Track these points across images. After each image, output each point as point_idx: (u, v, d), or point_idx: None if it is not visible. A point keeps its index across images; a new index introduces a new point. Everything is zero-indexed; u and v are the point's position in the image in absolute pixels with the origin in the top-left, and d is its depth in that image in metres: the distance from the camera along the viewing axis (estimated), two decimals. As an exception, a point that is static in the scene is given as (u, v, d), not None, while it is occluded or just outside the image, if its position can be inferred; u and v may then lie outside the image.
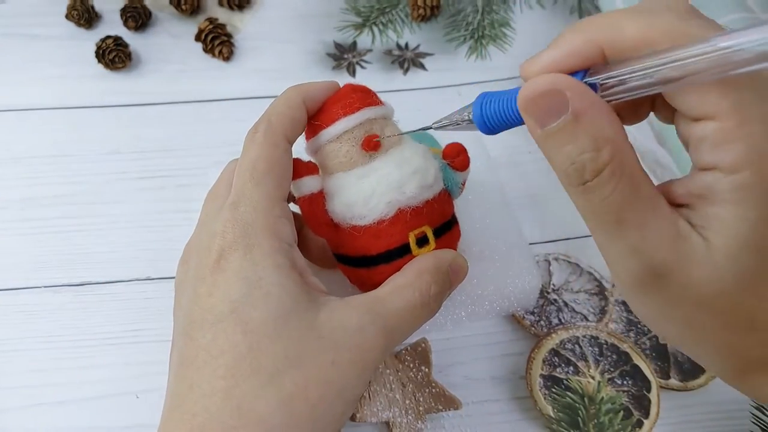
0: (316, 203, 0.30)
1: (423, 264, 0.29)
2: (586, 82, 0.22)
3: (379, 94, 0.32)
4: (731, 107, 0.19)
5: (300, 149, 0.33)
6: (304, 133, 0.31)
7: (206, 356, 0.25)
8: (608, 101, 0.22)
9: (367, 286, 0.30)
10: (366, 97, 0.31)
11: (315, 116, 0.31)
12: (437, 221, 0.30)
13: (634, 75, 0.21)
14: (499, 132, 0.26)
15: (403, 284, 0.28)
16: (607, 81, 0.21)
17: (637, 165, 0.22)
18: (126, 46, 0.52)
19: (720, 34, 0.18)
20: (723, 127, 0.20)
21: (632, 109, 0.26)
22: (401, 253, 0.30)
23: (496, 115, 0.25)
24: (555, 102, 0.21)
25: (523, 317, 0.40)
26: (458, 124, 0.27)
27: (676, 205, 0.22)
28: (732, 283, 0.21)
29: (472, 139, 0.43)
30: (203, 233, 0.28)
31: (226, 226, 0.27)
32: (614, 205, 0.21)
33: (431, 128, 0.29)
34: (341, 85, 0.32)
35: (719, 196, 0.21)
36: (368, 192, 0.29)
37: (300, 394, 0.24)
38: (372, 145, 0.30)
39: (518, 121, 0.24)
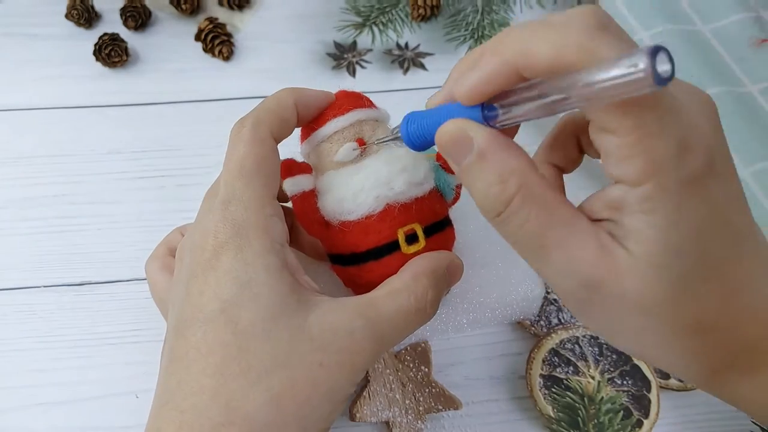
0: (308, 201, 0.31)
1: (420, 267, 0.29)
2: (487, 111, 0.23)
3: (379, 94, 0.32)
4: (632, 125, 0.20)
5: (294, 155, 0.33)
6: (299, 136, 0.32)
7: (196, 354, 0.25)
8: (513, 123, 0.23)
9: (358, 285, 0.31)
10: (357, 100, 0.32)
11: (309, 121, 0.31)
12: (428, 220, 0.30)
13: (532, 103, 0.21)
14: (424, 149, 0.27)
15: (398, 288, 0.28)
16: (508, 107, 0.23)
17: (550, 190, 0.23)
18: (123, 41, 0.52)
19: (618, 59, 0.18)
20: (624, 142, 0.20)
21: (562, 155, 0.28)
22: (390, 250, 0.30)
23: (417, 136, 0.27)
24: (462, 144, 0.23)
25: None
26: (392, 141, 0.29)
27: (598, 219, 0.23)
28: (662, 289, 0.22)
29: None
30: (197, 231, 0.28)
31: (217, 225, 0.27)
32: (532, 231, 0.22)
33: (374, 143, 0.30)
34: (339, 89, 0.32)
35: (630, 207, 0.21)
36: (357, 187, 0.29)
37: (287, 393, 0.24)
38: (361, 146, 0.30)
39: (434, 142, 0.26)
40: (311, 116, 0.31)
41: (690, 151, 0.20)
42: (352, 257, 0.30)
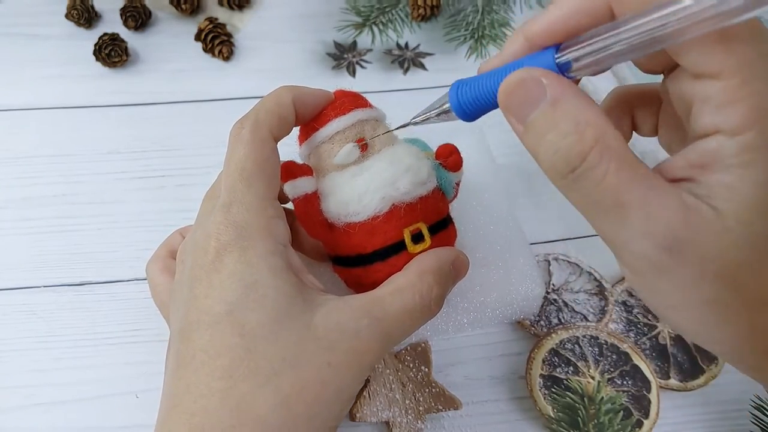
0: (310, 204, 0.31)
1: (425, 264, 0.29)
2: (559, 62, 0.21)
3: (379, 94, 0.32)
4: (736, 65, 0.19)
5: (294, 154, 0.33)
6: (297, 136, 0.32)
7: (204, 357, 0.25)
8: (587, 72, 0.21)
9: (364, 286, 0.30)
10: (356, 100, 0.31)
11: (308, 121, 0.31)
12: (432, 218, 0.30)
13: (621, 42, 0.20)
14: (477, 117, 0.26)
15: (403, 285, 0.28)
16: (581, 56, 0.21)
17: (627, 146, 0.21)
18: (123, 41, 0.52)
19: None
20: (727, 86, 0.19)
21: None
22: (397, 250, 0.30)
23: (472, 100, 0.25)
24: (532, 92, 0.21)
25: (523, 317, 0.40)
26: (437, 116, 0.27)
27: (673, 181, 0.22)
28: (749, 251, 0.20)
29: (476, 145, 0.43)
30: (198, 233, 0.28)
31: (219, 228, 0.27)
32: (610, 188, 0.20)
33: (411, 124, 0.29)
34: (339, 88, 0.32)
35: (724, 161, 0.20)
36: (362, 189, 0.29)
37: (297, 394, 0.24)
38: (362, 147, 0.30)
39: (493, 104, 0.24)
40: (310, 115, 0.31)
41: None
42: (358, 258, 0.30)
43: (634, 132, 0.28)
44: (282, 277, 0.26)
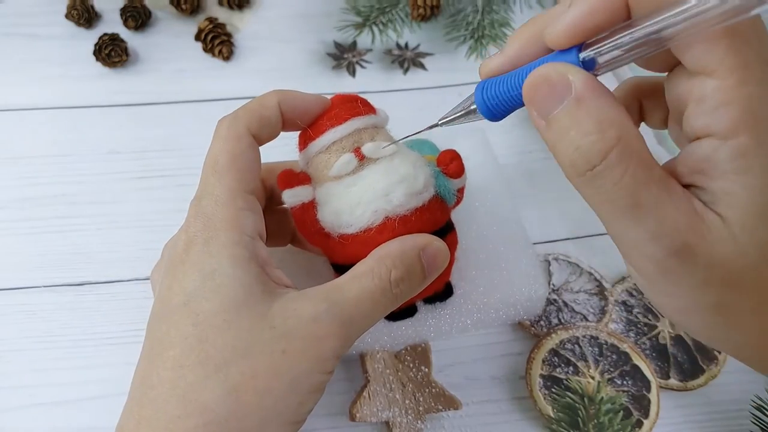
0: (307, 212, 0.31)
1: (385, 249, 0.28)
2: (583, 59, 0.21)
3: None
4: (734, 65, 0.19)
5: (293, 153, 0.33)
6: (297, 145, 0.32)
7: (159, 348, 0.25)
8: (610, 68, 0.22)
9: None
10: (354, 107, 0.31)
11: (306, 129, 0.31)
12: (428, 229, 0.30)
13: (636, 40, 0.20)
14: (503, 116, 0.26)
15: (362, 271, 0.27)
16: (605, 52, 0.21)
17: (646, 147, 0.21)
18: (122, 41, 0.52)
19: None
20: (722, 85, 0.19)
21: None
22: None
23: (497, 99, 0.25)
24: (558, 88, 0.21)
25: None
26: (463, 116, 0.27)
27: (685, 186, 0.22)
28: (755, 256, 0.20)
29: (478, 146, 0.43)
30: (178, 231, 0.28)
31: (189, 220, 0.27)
32: (627, 188, 0.21)
33: (438, 125, 0.29)
34: (344, 92, 0.32)
35: (719, 167, 0.20)
36: (355, 200, 0.29)
37: (247, 383, 0.24)
38: (360, 156, 0.30)
39: (519, 102, 0.24)
40: (301, 119, 0.30)
41: None
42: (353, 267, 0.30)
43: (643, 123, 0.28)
44: (242, 267, 0.26)
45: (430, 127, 0.29)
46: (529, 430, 0.37)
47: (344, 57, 0.54)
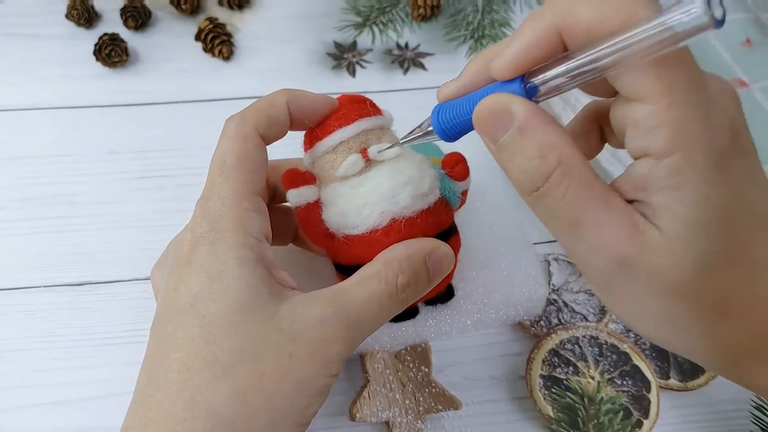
0: (312, 213, 0.31)
1: (392, 253, 0.28)
2: (527, 86, 0.23)
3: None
4: (661, 90, 0.20)
5: (298, 152, 0.33)
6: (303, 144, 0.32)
7: (165, 350, 0.25)
8: (551, 96, 0.23)
9: None
10: (362, 108, 0.31)
11: (313, 128, 0.31)
12: (433, 231, 0.30)
13: (572, 70, 0.21)
14: (457, 138, 0.27)
15: (369, 274, 0.28)
16: (546, 81, 0.23)
17: (587, 167, 0.22)
18: (122, 41, 0.52)
19: (674, 3, 0.18)
20: (653, 110, 0.20)
21: (584, 143, 0.28)
22: None
23: (451, 122, 0.26)
24: (502, 119, 0.23)
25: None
26: (421, 137, 0.29)
27: (628, 201, 0.23)
28: (693, 268, 0.21)
29: (478, 147, 0.43)
30: (183, 229, 0.28)
31: (195, 221, 0.27)
32: (568, 206, 0.22)
33: (399, 144, 0.30)
34: (344, 91, 0.32)
35: (657, 184, 0.21)
36: (361, 201, 0.29)
37: (255, 386, 0.24)
38: (366, 157, 0.30)
39: (470, 125, 0.26)
40: (309, 119, 0.30)
41: (717, 126, 0.20)
42: (357, 269, 0.30)
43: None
44: (249, 268, 0.26)
45: (392, 147, 0.30)
46: (529, 430, 0.37)
47: (344, 57, 0.54)
